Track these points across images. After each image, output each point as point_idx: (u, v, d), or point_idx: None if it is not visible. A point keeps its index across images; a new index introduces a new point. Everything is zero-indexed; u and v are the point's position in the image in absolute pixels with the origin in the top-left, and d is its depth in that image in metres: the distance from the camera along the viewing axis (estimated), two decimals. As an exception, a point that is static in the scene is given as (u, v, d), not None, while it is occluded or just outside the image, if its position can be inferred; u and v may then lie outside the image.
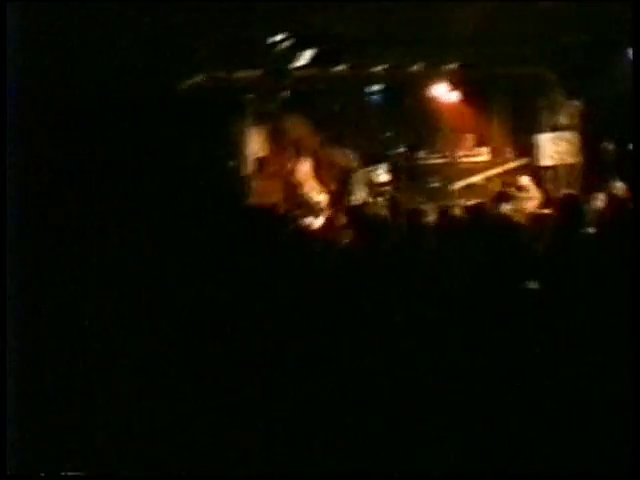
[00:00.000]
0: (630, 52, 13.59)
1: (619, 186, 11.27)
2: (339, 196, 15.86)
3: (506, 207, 12.56)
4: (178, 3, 10.05)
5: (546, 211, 9.00)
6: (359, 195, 16.10)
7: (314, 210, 15.04)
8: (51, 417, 4.67)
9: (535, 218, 8.57)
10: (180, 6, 10.09)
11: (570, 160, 16.21)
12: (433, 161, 17.18)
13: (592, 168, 15.45)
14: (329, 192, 15.89)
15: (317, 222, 12.73)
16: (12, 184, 4.57)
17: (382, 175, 16.53)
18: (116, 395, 4.72)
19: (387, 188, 16.35)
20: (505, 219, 8.63)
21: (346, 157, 16.53)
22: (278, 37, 11.91)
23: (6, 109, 4.59)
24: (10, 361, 4.44)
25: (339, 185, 16.24)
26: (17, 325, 4.54)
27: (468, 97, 16.46)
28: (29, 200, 4.83)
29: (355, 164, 16.48)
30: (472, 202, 12.24)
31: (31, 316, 4.76)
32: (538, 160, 16.53)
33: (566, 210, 6.87)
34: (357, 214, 10.76)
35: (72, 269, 5.48)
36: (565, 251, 6.15)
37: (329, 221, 9.71)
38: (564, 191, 13.34)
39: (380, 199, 15.94)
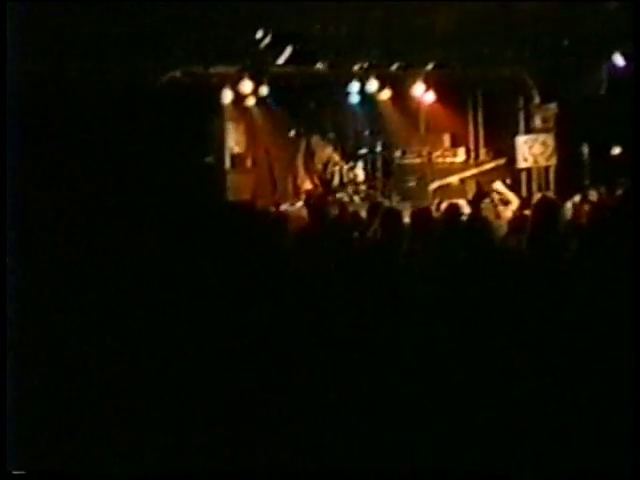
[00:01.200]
0: (612, 57, 13.70)
1: (595, 189, 11.32)
2: (327, 188, 15.96)
3: (482, 208, 12.60)
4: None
5: (524, 213, 9.00)
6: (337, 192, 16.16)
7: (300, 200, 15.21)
8: (51, 413, 4.67)
9: (511, 220, 8.58)
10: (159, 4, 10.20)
11: (544, 163, 16.28)
12: (409, 160, 17.18)
13: (567, 171, 15.53)
14: (316, 184, 16.04)
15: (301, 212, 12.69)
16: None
17: (359, 172, 16.49)
18: (115, 392, 4.72)
19: (363, 187, 16.35)
20: (482, 220, 8.63)
21: (328, 151, 16.54)
22: (257, 35, 11.90)
23: (6, 108, 4.60)
24: (10, 359, 4.45)
25: (324, 178, 16.32)
26: (17, 325, 4.54)
27: (445, 98, 16.43)
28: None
29: (336, 159, 16.48)
30: (448, 202, 12.24)
31: (31, 316, 4.75)
32: (513, 162, 16.59)
33: (543, 213, 6.87)
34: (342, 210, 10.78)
35: (67, 267, 5.47)
36: (542, 254, 6.16)
37: (316, 214, 9.63)
38: (540, 194, 13.37)
39: (356, 197, 15.99)
